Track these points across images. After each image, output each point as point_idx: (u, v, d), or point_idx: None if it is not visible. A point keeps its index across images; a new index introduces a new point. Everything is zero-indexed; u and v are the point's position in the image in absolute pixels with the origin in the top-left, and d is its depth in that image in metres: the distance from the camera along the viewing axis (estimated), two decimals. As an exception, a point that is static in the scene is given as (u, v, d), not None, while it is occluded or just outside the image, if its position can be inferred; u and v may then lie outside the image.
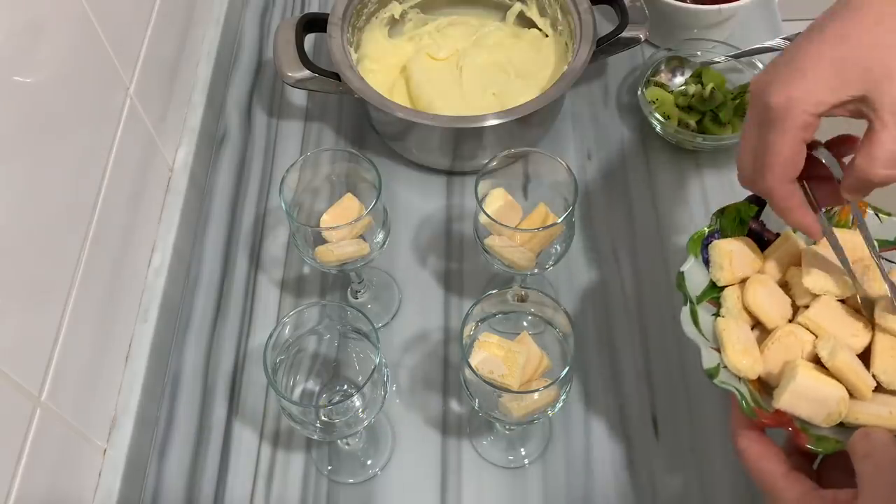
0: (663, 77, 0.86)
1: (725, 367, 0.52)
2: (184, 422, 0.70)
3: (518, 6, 0.88)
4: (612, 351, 0.72)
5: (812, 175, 0.52)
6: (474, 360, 0.55)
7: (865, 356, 0.53)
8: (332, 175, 0.68)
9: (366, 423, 0.58)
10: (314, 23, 0.81)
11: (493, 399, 0.57)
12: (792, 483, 0.47)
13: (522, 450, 0.68)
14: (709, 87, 0.82)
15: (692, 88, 0.83)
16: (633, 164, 0.83)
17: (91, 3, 0.60)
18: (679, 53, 0.86)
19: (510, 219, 0.63)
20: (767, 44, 0.85)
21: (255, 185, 0.83)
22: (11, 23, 0.50)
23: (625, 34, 0.80)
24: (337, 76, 0.77)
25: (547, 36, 0.87)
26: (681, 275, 0.56)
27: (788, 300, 0.56)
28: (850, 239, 0.56)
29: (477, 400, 0.58)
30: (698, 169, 0.82)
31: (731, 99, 0.83)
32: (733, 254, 0.56)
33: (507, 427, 0.66)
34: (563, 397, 0.57)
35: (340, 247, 0.63)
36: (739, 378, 0.52)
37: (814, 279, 0.54)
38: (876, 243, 0.54)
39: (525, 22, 0.89)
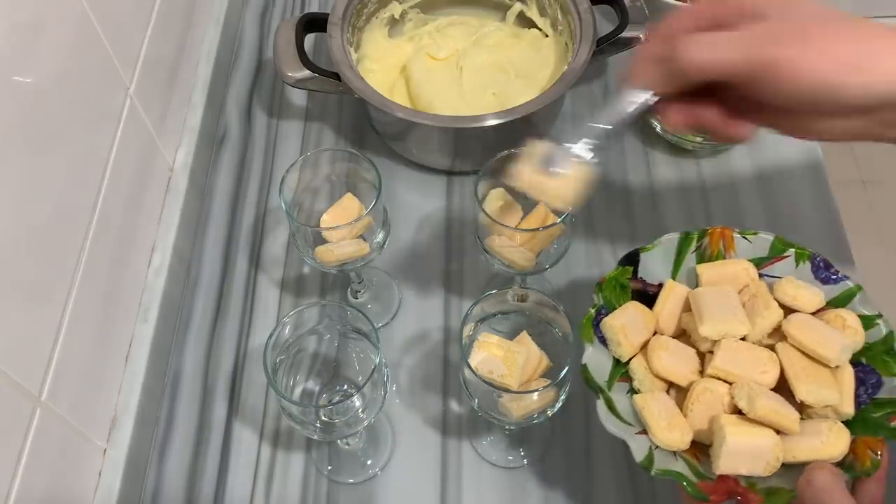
0: (663, 77, 0.86)
1: (657, 447, 0.52)
2: (184, 422, 0.70)
3: (518, 6, 0.88)
4: (612, 351, 0.72)
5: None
6: (474, 360, 0.55)
7: (781, 385, 0.53)
8: (332, 175, 0.68)
9: (366, 423, 0.58)
10: (314, 23, 0.81)
11: (493, 399, 0.57)
12: None
13: (522, 450, 0.68)
14: (709, 87, 0.82)
15: (692, 88, 0.83)
16: (633, 164, 0.83)
17: (91, 3, 0.60)
18: (679, 53, 0.86)
19: (510, 219, 0.63)
20: (767, 44, 0.85)
21: (255, 185, 0.83)
22: (11, 23, 0.50)
23: (625, 34, 0.80)
24: (337, 76, 0.77)
25: (547, 36, 0.87)
26: (584, 367, 0.55)
27: (692, 351, 0.56)
28: (724, 270, 0.57)
29: (476, 400, 0.58)
30: (698, 169, 0.82)
31: (731, 99, 0.83)
32: (625, 327, 0.56)
33: (507, 427, 0.66)
34: (562, 397, 0.57)
35: (340, 247, 0.63)
36: (675, 453, 0.52)
37: (709, 326, 0.54)
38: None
39: (525, 22, 0.89)
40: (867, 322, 0.55)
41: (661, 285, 0.59)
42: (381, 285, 0.76)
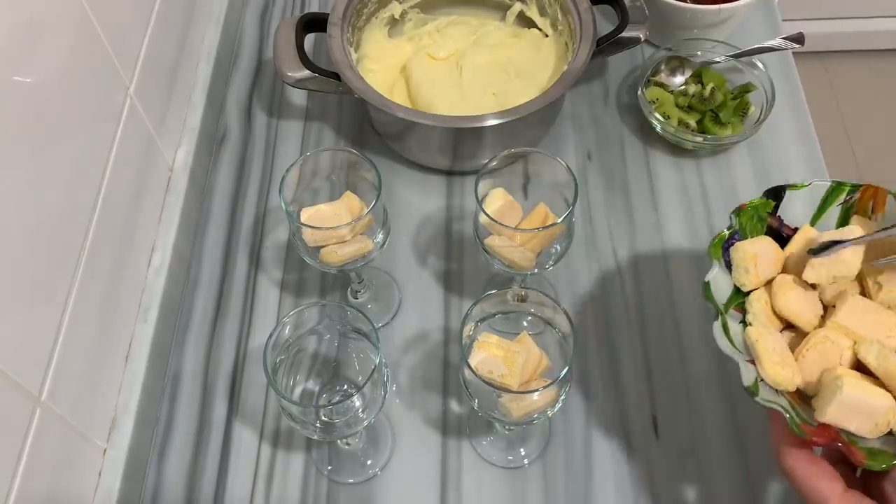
0: (663, 77, 0.86)
1: (762, 380, 0.50)
2: (184, 422, 0.70)
3: (518, 6, 0.88)
4: (612, 351, 0.72)
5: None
6: (474, 360, 0.55)
7: None
8: (332, 175, 0.68)
9: (366, 423, 0.58)
10: (314, 23, 0.81)
11: (493, 399, 0.57)
12: (849, 502, 0.45)
13: (522, 450, 0.68)
14: (709, 87, 0.82)
15: (692, 88, 0.83)
16: (633, 164, 0.83)
17: (91, 3, 0.60)
18: (679, 53, 0.86)
19: (510, 219, 0.63)
20: (767, 44, 0.85)
21: (255, 185, 0.83)
22: (11, 23, 0.50)
23: (625, 34, 0.80)
24: (337, 76, 0.77)
25: (547, 36, 0.87)
26: (706, 285, 0.53)
27: (817, 298, 0.54)
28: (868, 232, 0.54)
29: (476, 400, 0.58)
30: (698, 169, 0.82)
31: (731, 99, 0.83)
32: (758, 255, 0.54)
33: (507, 427, 0.66)
34: (562, 397, 0.57)
35: (341, 246, 0.63)
36: (778, 391, 0.50)
37: (813, 271, 0.52)
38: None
39: (525, 22, 0.89)
40: None
41: (796, 230, 0.56)
42: (381, 285, 0.76)
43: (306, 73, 0.77)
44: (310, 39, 0.86)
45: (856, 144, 1.80)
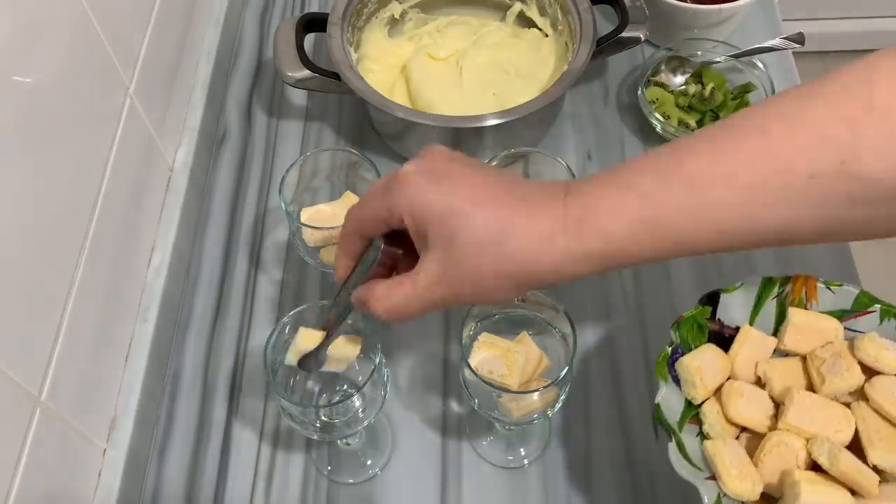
0: (663, 77, 0.86)
1: (726, 496, 0.51)
2: (184, 422, 0.70)
3: (518, 6, 0.88)
4: (612, 351, 0.72)
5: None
6: (474, 360, 0.56)
7: (853, 445, 0.52)
8: (332, 175, 0.68)
9: (366, 423, 0.58)
10: (314, 23, 0.81)
11: (493, 399, 0.57)
12: None
13: (522, 450, 0.68)
14: (709, 87, 0.82)
15: (692, 88, 0.83)
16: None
17: (91, 3, 0.60)
18: (679, 53, 0.86)
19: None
20: (767, 44, 0.85)
21: (255, 185, 0.83)
22: (11, 23, 0.50)
23: (625, 34, 0.80)
24: (337, 76, 0.77)
25: (547, 36, 0.87)
26: (657, 407, 0.54)
27: (767, 397, 0.55)
28: (815, 322, 0.56)
29: (476, 400, 0.58)
30: (698, 169, 0.82)
31: (732, 99, 0.83)
32: (702, 368, 0.55)
33: (507, 427, 0.66)
34: (562, 397, 0.57)
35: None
36: (742, 503, 0.51)
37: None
38: None
39: (525, 22, 0.89)
40: None
41: (738, 329, 0.58)
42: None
43: (306, 73, 0.77)
44: (310, 39, 0.86)
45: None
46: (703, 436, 0.55)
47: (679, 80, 0.86)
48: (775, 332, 0.58)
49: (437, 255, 0.46)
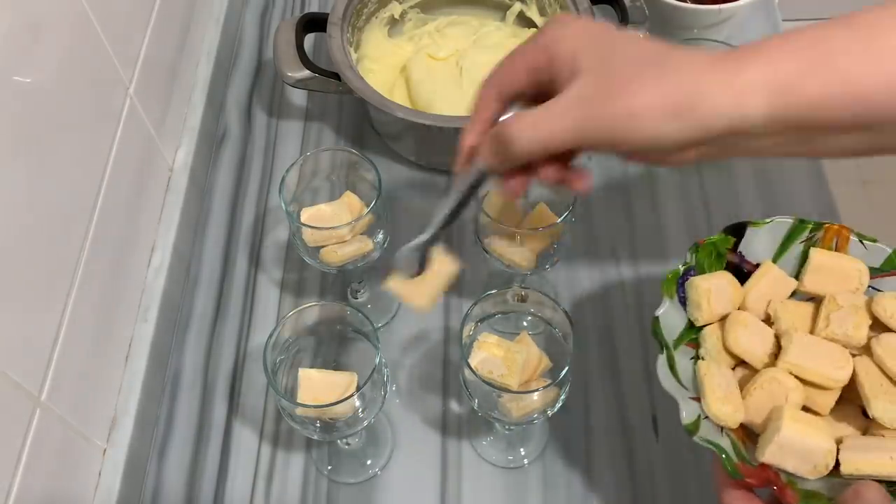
0: (663, 77, 0.86)
1: (707, 417, 0.50)
2: (184, 422, 0.70)
3: (518, 6, 0.88)
4: (612, 351, 0.72)
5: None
6: (474, 360, 0.56)
7: (849, 395, 0.52)
8: (332, 175, 0.68)
9: (366, 423, 0.58)
10: (314, 23, 0.81)
11: (493, 399, 0.57)
12: None
13: (522, 450, 0.68)
14: (709, 87, 0.82)
15: (692, 88, 0.83)
16: (633, 164, 0.83)
17: (91, 3, 0.60)
18: (679, 53, 0.86)
19: (510, 219, 0.63)
20: (767, 44, 0.85)
21: (255, 185, 0.83)
22: (11, 23, 0.50)
23: (625, 34, 0.80)
24: (337, 76, 0.77)
25: (547, 36, 0.87)
26: (656, 320, 0.53)
27: (772, 335, 0.54)
28: (838, 263, 0.55)
29: (476, 400, 0.58)
30: (698, 169, 0.82)
31: (731, 99, 0.83)
32: (711, 291, 0.54)
33: (507, 427, 0.66)
34: (562, 397, 0.57)
35: (341, 246, 0.63)
36: (722, 429, 0.50)
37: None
38: None
39: (525, 22, 0.89)
40: None
41: (757, 265, 0.56)
42: (381, 285, 0.76)
43: (306, 73, 0.77)
44: (310, 39, 0.86)
45: (856, 144, 1.80)
46: (697, 359, 0.54)
47: (679, 80, 0.86)
48: (796, 277, 0.56)
49: (588, 79, 0.43)
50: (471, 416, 0.69)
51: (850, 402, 0.52)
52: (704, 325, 0.55)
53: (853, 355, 0.52)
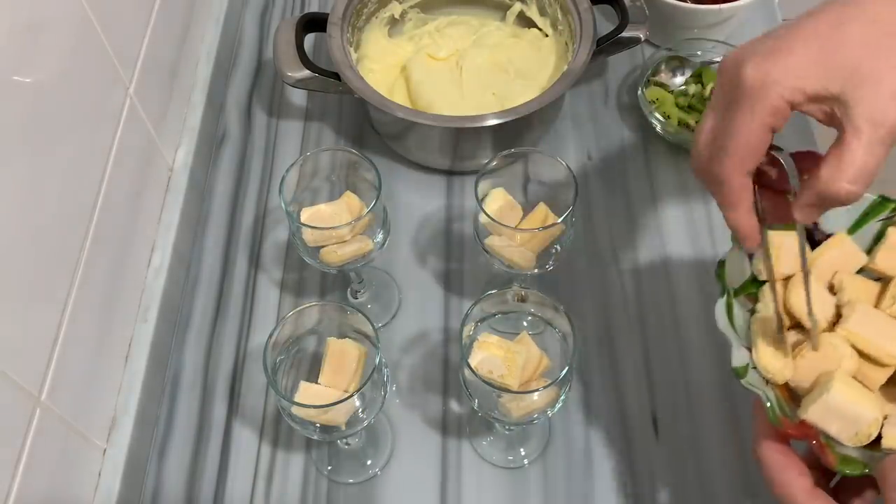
0: (663, 77, 0.86)
1: (755, 368, 0.49)
2: (184, 422, 0.70)
3: (518, 6, 0.88)
4: (612, 351, 0.72)
5: (763, 184, 0.49)
6: (474, 360, 0.56)
7: None
8: (332, 175, 0.68)
9: (366, 423, 0.58)
10: (314, 22, 0.81)
11: (493, 399, 0.57)
12: (814, 500, 0.45)
13: (522, 450, 0.68)
14: (709, 87, 0.82)
15: (692, 88, 0.83)
16: (633, 164, 0.83)
17: (91, 3, 0.60)
18: (679, 53, 0.86)
19: (510, 219, 0.63)
20: (767, 44, 0.85)
21: (254, 185, 0.83)
22: (11, 23, 0.50)
23: (625, 34, 0.80)
24: (337, 76, 0.77)
25: (547, 36, 0.87)
26: (721, 263, 0.52)
27: (833, 304, 0.52)
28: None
29: (476, 400, 0.58)
30: (698, 169, 0.82)
31: (732, 99, 0.83)
32: (782, 248, 0.52)
33: (507, 427, 0.66)
34: (562, 397, 0.57)
35: (341, 246, 0.63)
36: (767, 382, 0.49)
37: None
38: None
39: (525, 22, 0.89)
40: None
41: (829, 236, 0.55)
42: (381, 285, 0.76)
43: (306, 73, 0.77)
44: (310, 39, 0.86)
45: (856, 144, 1.80)
46: (754, 313, 0.53)
47: (679, 80, 0.86)
48: (869, 253, 0.55)
49: (861, 109, 0.42)
50: (471, 416, 0.69)
51: None
52: (766, 281, 0.53)
53: None
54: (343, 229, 0.61)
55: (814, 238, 0.55)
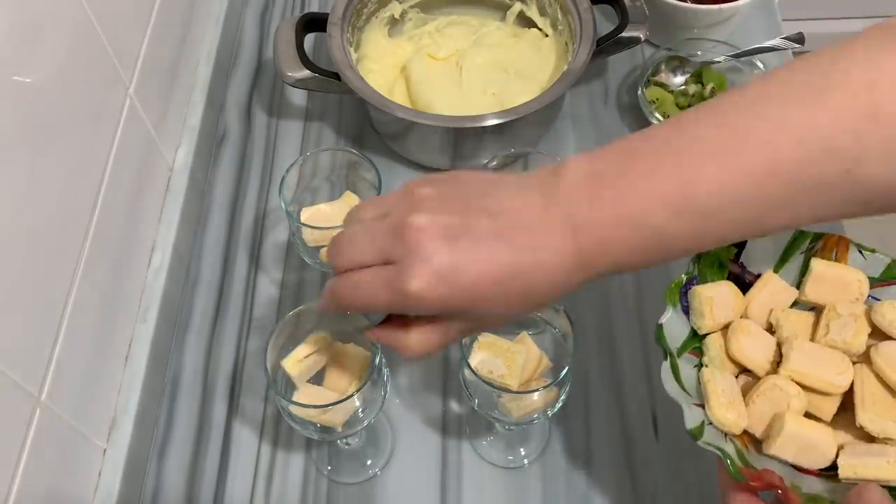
0: (663, 77, 0.86)
1: (710, 423, 0.51)
2: (184, 422, 0.70)
3: (518, 6, 0.88)
4: (612, 351, 0.72)
5: None
6: (474, 360, 0.56)
7: (850, 395, 0.52)
8: (332, 175, 0.68)
9: (366, 424, 0.58)
10: (314, 22, 0.81)
11: (493, 399, 0.57)
12: None
13: (522, 450, 0.68)
14: (709, 87, 0.82)
15: (692, 88, 0.83)
16: (633, 164, 0.83)
17: (91, 3, 0.60)
18: (679, 53, 0.86)
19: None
20: (767, 44, 0.85)
21: (255, 185, 0.83)
22: (11, 23, 0.50)
23: (625, 34, 0.80)
24: (337, 76, 0.77)
25: (547, 36, 0.87)
26: (659, 327, 0.53)
27: (774, 343, 0.54)
28: (839, 273, 0.55)
29: (476, 400, 0.58)
30: (698, 169, 0.82)
31: (732, 99, 0.83)
32: (714, 300, 0.54)
33: (507, 427, 0.66)
34: (562, 397, 0.57)
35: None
36: (725, 434, 0.51)
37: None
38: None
39: (525, 22, 0.89)
40: None
41: (759, 276, 0.57)
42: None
43: (306, 73, 0.77)
44: (310, 39, 0.86)
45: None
46: (701, 367, 0.54)
47: (679, 80, 0.86)
48: (797, 287, 0.57)
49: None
50: (471, 416, 0.69)
51: (852, 411, 0.52)
52: (707, 334, 0.55)
53: (853, 363, 0.52)
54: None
55: (743, 279, 0.57)
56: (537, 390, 0.56)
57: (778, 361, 0.53)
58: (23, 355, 0.51)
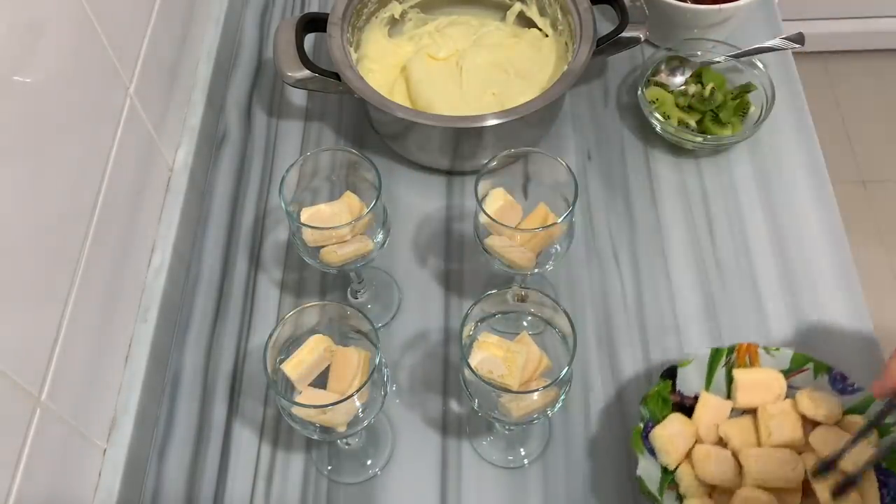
0: (663, 77, 0.86)
1: None
2: (184, 422, 0.70)
3: (518, 6, 0.88)
4: (612, 351, 0.72)
5: None
6: (474, 360, 0.55)
7: (806, 482, 0.60)
8: (332, 175, 0.68)
9: (366, 423, 0.58)
10: (314, 22, 0.81)
11: (493, 399, 0.57)
12: None
13: (522, 450, 0.68)
14: (709, 87, 0.82)
15: (692, 88, 0.83)
16: (633, 164, 0.83)
17: (91, 3, 0.60)
18: (679, 53, 0.86)
19: (510, 219, 0.63)
20: (767, 44, 0.85)
21: (255, 185, 0.83)
22: (11, 23, 0.50)
23: (625, 34, 0.80)
24: (337, 76, 0.77)
25: (547, 36, 0.87)
26: (640, 480, 0.59)
27: (731, 457, 0.62)
28: (758, 377, 0.64)
29: (476, 400, 0.58)
30: (698, 169, 0.82)
31: (731, 99, 0.83)
32: (673, 437, 0.62)
33: (507, 427, 0.66)
34: (562, 397, 0.57)
35: (341, 246, 0.63)
36: None
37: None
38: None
39: (525, 22, 0.89)
40: (883, 430, 0.60)
41: (696, 397, 0.64)
42: (381, 285, 0.76)
43: (306, 73, 0.77)
44: (310, 39, 0.86)
45: (856, 144, 1.80)
46: (679, 496, 0.61)
47: (679, 80, 0.86)
48: (728, 396, 0.65)
49: None
50: (471, 416, 0.69)
51: (814, 496, 0.59)
52: (676, 467, 0.62)
53: (799, 453, 0.61)
54: (343, 229, 0.61)
55: (685, 405, 0.65)
56: (537, 390, 0.56)
57: (739, 471, 0.61)
58: (23, 355, 0.51)
